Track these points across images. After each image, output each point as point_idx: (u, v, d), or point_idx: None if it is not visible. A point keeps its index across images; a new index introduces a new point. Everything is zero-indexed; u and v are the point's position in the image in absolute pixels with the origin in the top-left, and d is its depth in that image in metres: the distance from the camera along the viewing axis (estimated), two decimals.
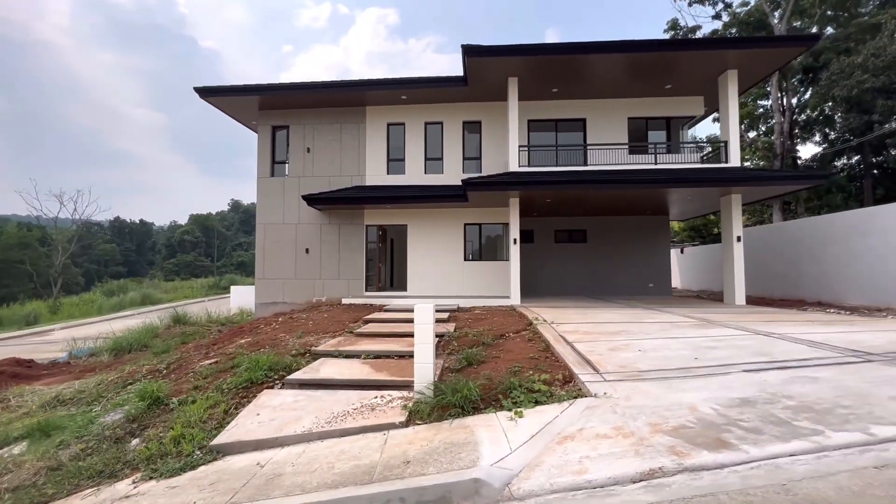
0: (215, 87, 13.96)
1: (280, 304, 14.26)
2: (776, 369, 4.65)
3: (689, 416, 3.66)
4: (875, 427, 3.15)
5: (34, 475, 3.98)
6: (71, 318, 30.26)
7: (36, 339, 20.16)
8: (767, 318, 8.51)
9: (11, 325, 28.76)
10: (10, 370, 9.95)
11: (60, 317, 32.24)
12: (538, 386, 4.70)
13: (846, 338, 6.01)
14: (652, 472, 2.96)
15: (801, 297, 13.91)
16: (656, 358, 5.41)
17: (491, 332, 7.87)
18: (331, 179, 14.59)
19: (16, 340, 20.96)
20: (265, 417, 4.66)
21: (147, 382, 5.90)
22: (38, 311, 33.87)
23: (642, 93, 13.91)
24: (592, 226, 16.42)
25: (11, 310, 34.00)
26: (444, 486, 3.01)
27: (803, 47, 11.38)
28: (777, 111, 23.13)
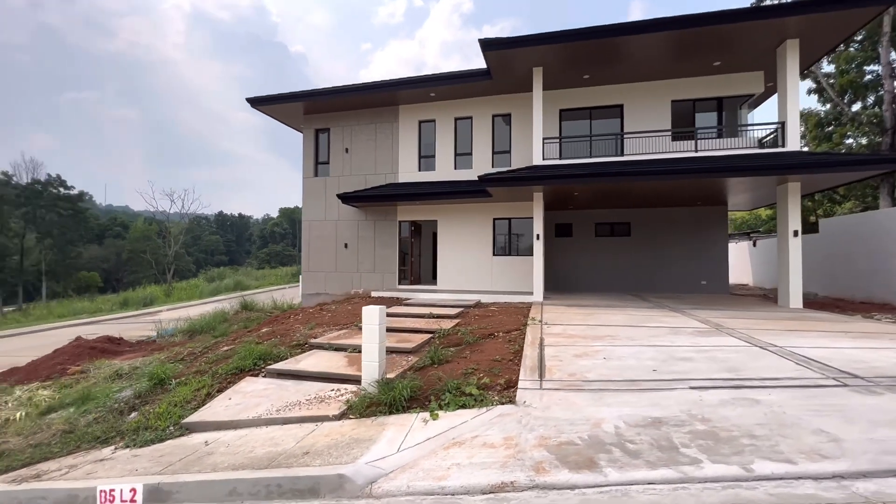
0: (264, 96, 15.32)
1: (323, 294, 15.44)
2: (728, 388, 4.25)
3: (586, 432, 3.57)
4: (761, 462, 2.85)
5: (52, 436, 5.02)
6: (178, 301, 35.23)
7: (147, 318, 23.74)
8: (801, 326, 7.52)
9: (133, 306, 34.25)
10: (101, 346, 12.06)
11: (172, 299, 37.62)
12: (471, 390, 4.78)
13: (857, 355, 5.20)
14: (503, 486, 3.01)
15: (888, 301, 11.89)
16: (615, 367, 5.17)
17: (482, 330, 7.93)
18: (367, 177, 15.35)
19: (132, 319, 24.97)
20: (233, 402, 5.33)
21: (157, 365, 6.95)
22: (154, 295, 39.87)
23: (688, 72, 12.66)
24: (637, 218, 15.40)
25: (136, 292, 40.40)
26: (315, 479, 3.33)
27: (881, 6, 9.51)
28: (888, 76, 19.52)
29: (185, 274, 65.07)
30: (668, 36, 10.87)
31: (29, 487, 3.81)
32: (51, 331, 20.52)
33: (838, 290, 13.90)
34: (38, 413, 6.30)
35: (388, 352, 7.01)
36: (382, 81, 14.64)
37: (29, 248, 49.27)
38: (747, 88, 12.60)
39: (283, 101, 15.25)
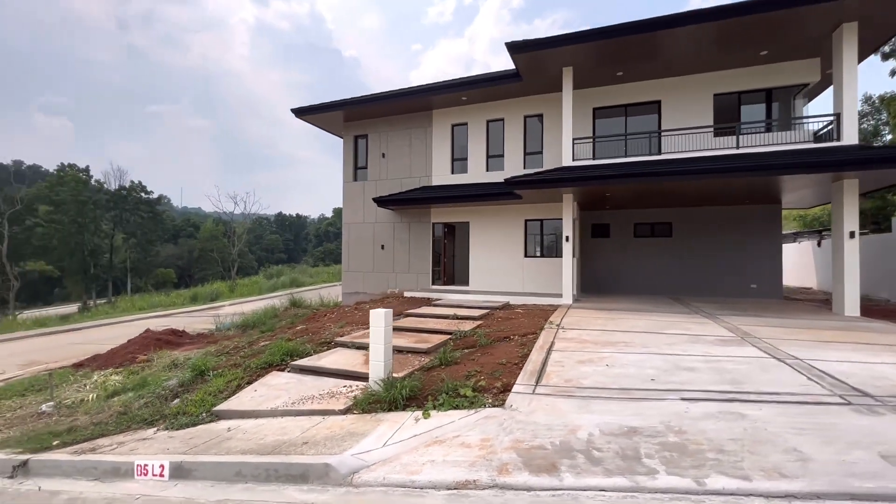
0: (307, 107, 16.28)
1: (361, 294, 16.19)
2: (720, 401, 4.16)
3: (559, 438, 3.69)
4: (716, 477, 2.85)
5: (110, 416, 5.86)
6: (240, 297, 38.07)
7: (211, 312, 25.88)
8: (843, 336, 6.98)
9: (201, 301, 37.44)
10: (165, 338, 13.49)
11: (235, 295, 40.70)
12: (466, 392, 5.01)
13: (886, 372, 4.82)
14: (466, 483, 3.24)
15: None
16: (614, 375, 5.18)
17: (499, 333, 8.10)
18: (402, 181, 15.87)
19: (198, 313, 27.29)
20: (258, 394, 5.92)
21: (200, 358, 7.77)
22: (219, 290, 43.28)
23: (732, 63, 11.94)
24: (679, 218, 14.73)
25: (204, 288, 44.08)
26: (306, 466, 3.73)
27: None
28: None
29: (248, 271, 69.72)
30: (708, 28, 10.34)
31: (85, 458, 4.54)
32: (131, 322, 22.99)
33: None
34: (106, 396, 7.31)
35: (405, 351, 7.40)
36: (416, 87, 15.08)
37: (117, 247, 55.15)
38: (801, 77, 11.67)
39: (325, 110, 16.13)
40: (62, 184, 49.23)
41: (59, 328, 21.85)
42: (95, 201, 51.32)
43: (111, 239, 54.29)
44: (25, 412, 6.83)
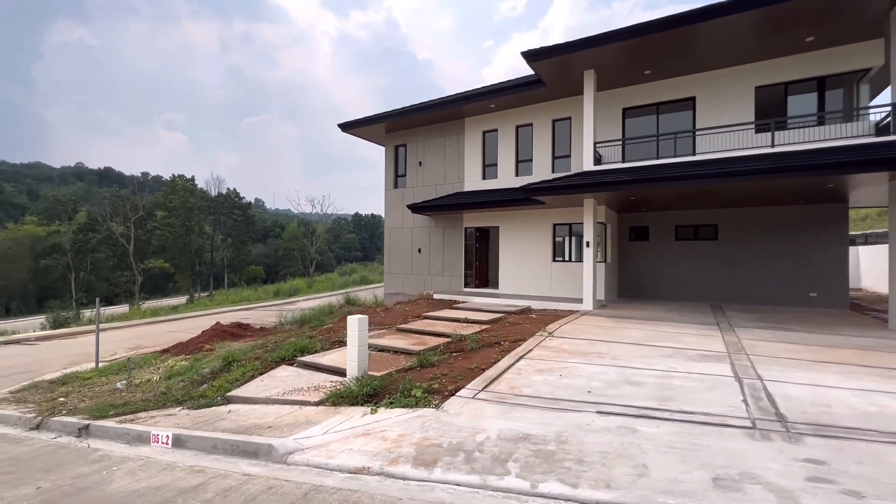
0: (351, 121, 17.65)
1: (400, 294, 17.25)
2: (630, 416, 4.30)
3: (459, 439, 4.16)
4: (552, 483, 3.17)
5: (156, 395, 7.32)
6: (316, 292, 41.66)
7: (286, 307, 28.72)
8: (852, 358, 6.37)
9: (282, 296, 41.50)
10: (231, 330, 15.60)
11: (312, 290, 44.58)
12: (417, 393, 5.59)
13: (848, 400, 4.52)
14: (361, 470, 3.87)
15: None
16: (558, 386, 5.44)
17: (493, 339, 8.50)
18: (437, 188, 16.62)
19: (276, 307, 30.32)
20: (262, 384, 7.02)
21: (230, 350, 9.15)
22: (298, 286, 47.58)
23: (776, 52, 10.95)
24: (726, 219, 13.76)
25: (285, 284, 48.74)
26: (258, 445, 4.60)
27: None
28: None
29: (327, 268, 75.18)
30: (743, 18, 9.62)
31: (123, 427, 5.89)
32: (217, 314, 26.40)
33: None
34: (165, 378, 8.98)
35: (399, 352, 8.12)
36: (447, 97, 15.72)
37: (217, 246, 62.79)
38: (860, 62, 10.37)
39: (367, 123, 17.38)
40: (174, 192, 57.19)
41: (162, 318, 25.80)
42: (199, 207, 58.87)
43: (212, 239, 61.92)
44: (107, 388, 8.67)
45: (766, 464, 3.16)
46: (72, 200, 58.79)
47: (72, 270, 48.79)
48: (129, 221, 49.83)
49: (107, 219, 49.89)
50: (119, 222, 50.92)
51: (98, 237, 50.64)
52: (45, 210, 57.30)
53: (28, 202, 79.10)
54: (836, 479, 2.90)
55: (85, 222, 51.31)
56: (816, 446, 3.41)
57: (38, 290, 52.88)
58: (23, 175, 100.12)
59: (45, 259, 50.07)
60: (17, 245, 52.68)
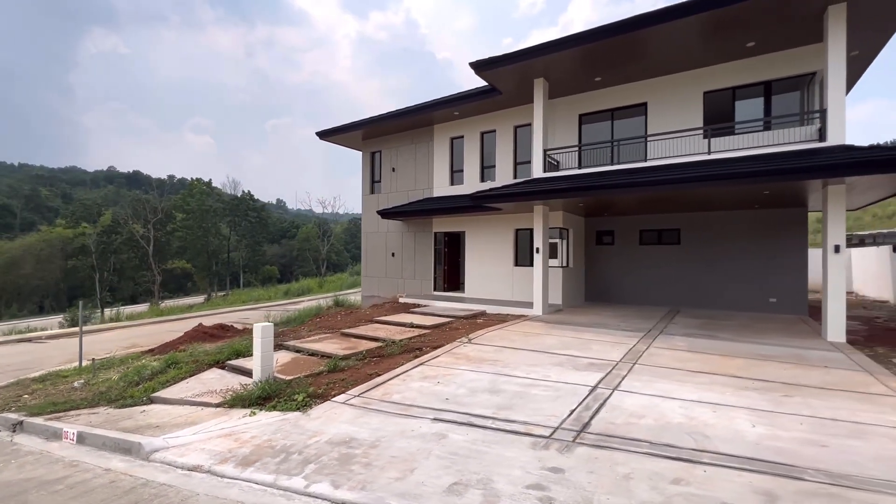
0: (329, 129, 18.21)
1: (376, 297, 17.74)
2: (459, 423, 4.59)
3: (295, 441, 4.56)
4: (322, 484, 3.53)
5: (94, 394, 7.99)
6: (326, 292, 42.69)
7: (291, 306, 29.52)
8: (742, 371, 6.44)
9: (292, 295, 42.70)
10: (212, 332, 16.34)
11: (323, 290, 45.69)
12: (299, 397, 6.01)
13: (682, 411, 4.68)
14: (197, 467, 4.32)
15: None
16: (427, 393, 5.76)
17: (418, 344, 8.85)
18: (409, 193, 17.02)
19: (281, 307, 31.06)
20: (186, 386, 7.58)
21: (173, 353, 9.78)
22: (309, 286, 48.79)
23: (721, 57, 10.86)
24: (689, 224, 13.67)
25: (295, 284, 50.08)
26: (131, 443, 5.11)
27: None
28: None
29: (342, 268, 76.56)
30: (681, 24, 9.59)
31: (47, 423, 6.52)
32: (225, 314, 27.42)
33: None
34: (123, 377, 9.70)
35: (324, 356, 8.56)
36: (417, 105, 16.06)
37: (233, 247, 64.93)
38: (805, 66, 10.20)
39: (344, 131, 17.91)
40: (192, 195, 59.44)
41: (168, 318, 26.99)
42: (215, 209, 60.99)
43: (228, 241, 64.03)
44: (68, 387, 9.45)
45: (511, 471, 3.43)
46: (96, 204, 61.67)
47: (96, 271, 51.41)
48: (148, 224, 52.09)
49: (128, 221, 52.28)
50: (141, 224, 53.31)
51: (120, 239, 53.15)
52: (72, 213, 60.40)
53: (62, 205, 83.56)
54: (550, 486, 3.15)
55: (108, 225, 53.92)
56: (578, 456, 3.64)
57: (69, 290, 55.92)
58: (59, 179, 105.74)
59: (71, 260, 52.87)
60: (49, 246, 55.84)
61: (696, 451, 3.65)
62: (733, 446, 3.71)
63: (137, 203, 55.45)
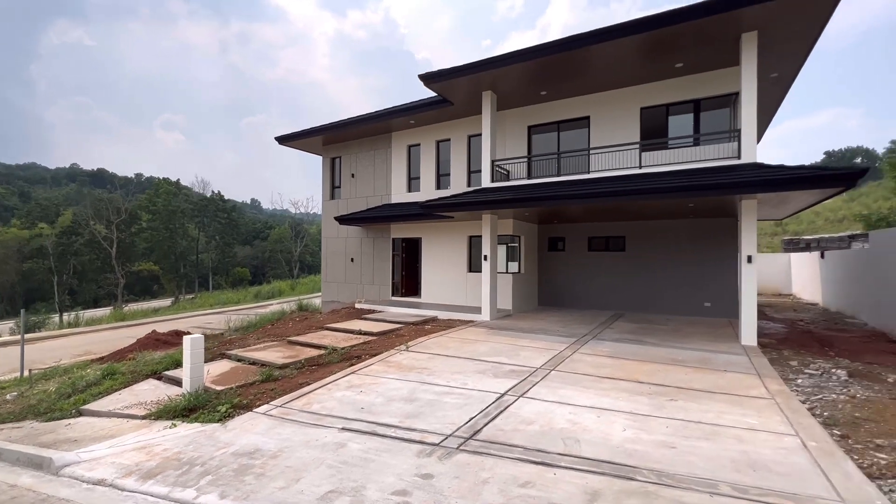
0: (288, 134, 18.20)
1: (336, 302, 17.82)
2: (363, 432, 4.85)
3: (202, 453, 4.72)
4: (211, 496, 3.74)
5: (23, 407, 7.90)
6: (299, 294, 42.17)
7: (258, 310, 29.07)
8: (647, 375, 6.91)
9: (262, 298, 41.99)
10: (165, 339, 16.10)
11: (295, 293, 45.10)
12: (222, 408, 6.16)
13: (569, 416, 5.06)
14: (101, 481, 4.44)
15: None
16: (346, 402, 5.99)
17: (358, 352, 9.05)
18: (368, 199, 17.19)
19: (249, 310, 30.61)
20: (119, 398, 7.59)
21: (111, 364, 9.72)
22: (281, 289, 48.04)
23: (655, 75, 11.48)
24: (633, 232, 14.30)
25: (266, 287, 49.23)
26: (42, 458, 5.17)
27: None
28: None
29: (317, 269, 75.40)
30: (611, 45, 10.12)
31: None
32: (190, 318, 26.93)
33: (890, 323, 11.12)
34: (59, 389, 9.56)
35: (264, 365, 8.68)
36: (375, 112, 16.25)
37: (202, 249, 63.45)
38: (729, 87, 10.88)
39: (304, 136, 17.93)
40: (158, 195, 57.83)
41: (129, 322, 26.29)
42: (184, 210, 59.50)
43: (197, 242, 62.53)
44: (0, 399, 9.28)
45: (386, 479, 3.71)
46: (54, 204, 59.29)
47: (54, 273, 49.48)
48: (112, 224, 50.44)
49: (90, 222, 50.49)
50: (104, 225, 51.57)
51: (81, 240, 51.27)
52: (27, 213, 57.94)
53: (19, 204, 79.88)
54: (413, 492, 3.45)
55: (68, 225, 51.96)
56: (453, 463, 3.95)
57: (26, 293, 53.54)
58: (16, 177, 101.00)
59: (28, 262, 50.72)
60: (4, 248, 53.31)
61: (560, 455, 4.01)
62: (595, 449, 4.09)
63: (100, 203, 53.62)
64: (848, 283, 13.70)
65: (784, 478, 3.48)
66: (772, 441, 4.21)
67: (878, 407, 5.12)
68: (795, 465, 3.68)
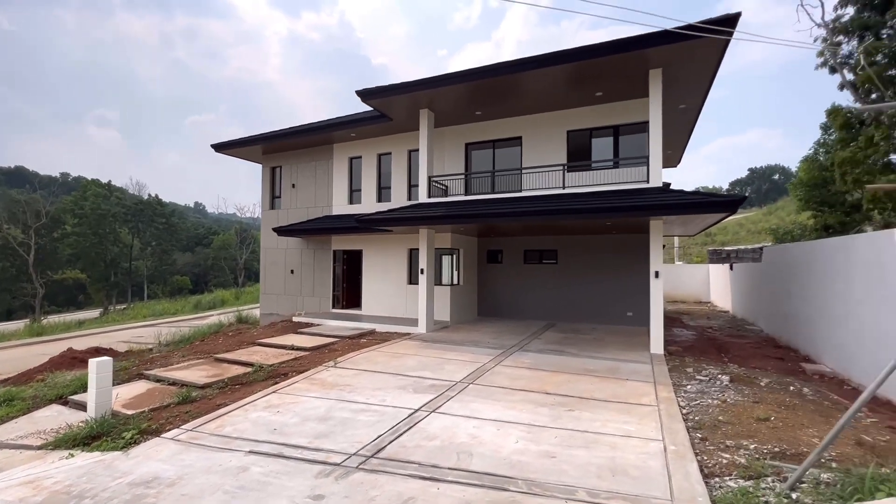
0: (226, 142, 17.70)
1: (274, 315, 17.41)
2: (270, 455, 4.92)
3: (94, 485, 4.59)
4: None
5: None
6: (245, 304, 40.23)
7: (196, 322, 27.66)
8: (557, 386, 7.43)
9: (202, 309, 39.86)
10: (82, 356, 15.06)
11: (240, 302, 43.00)
12: (127, 434, 5.96)
13: (465, 428, 5.38)
14: None
15: (801, 348, 10.62)
16: (262, 423, 5.99)
17: (286, 370, 8.98)
18: (308, 210, 17.01)
19: (186, 322, 28.92)
20: (15, 426, 7.10)
21: (9, 388, 9.08)
22: (224, 298, 45.73)
23: (580, 102, 12.33)
24: (564, 245, 15.11)
25: (206, 296, 46.70)
26: None
27: (723, 36, 8.58)
28: None
29: None
30: (535, 73, 10.77)
31: None
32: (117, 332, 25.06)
33: (778, 330, 12.48)
34: None
35: (184, 385, 8.42)
36: (315, 124, 16.19)
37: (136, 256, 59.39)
38: (643, 115, 11.88)
39: (242, 144, 17.49)
40: (85, 198, 53.59)
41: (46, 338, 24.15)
42: (115, 214, 55.52)
43: (130, 249, 58.48)
44: None
45: (279, 502, 3.84)
46: None
47: None
48: (30, 229, 46.19)
49: (1, 225, 45.90)
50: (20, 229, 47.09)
51: None
52: None
53: None
54: None
55: None
56: (349, 482, 4.13)
57: None
58: None
59: None
60: None
61: (450, 469, 4.30)
62: (484, 462, 4.43)
63: (15, 204, 48.93)
64: (749, 293, 15.23)
65: (635, 481, 3.96)
66: (640, 447, 4.73)
67: (740, 410, 5.85)
68: (650, 469, 4.19)
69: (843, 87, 19.97)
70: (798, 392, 7.11)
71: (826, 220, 24.05)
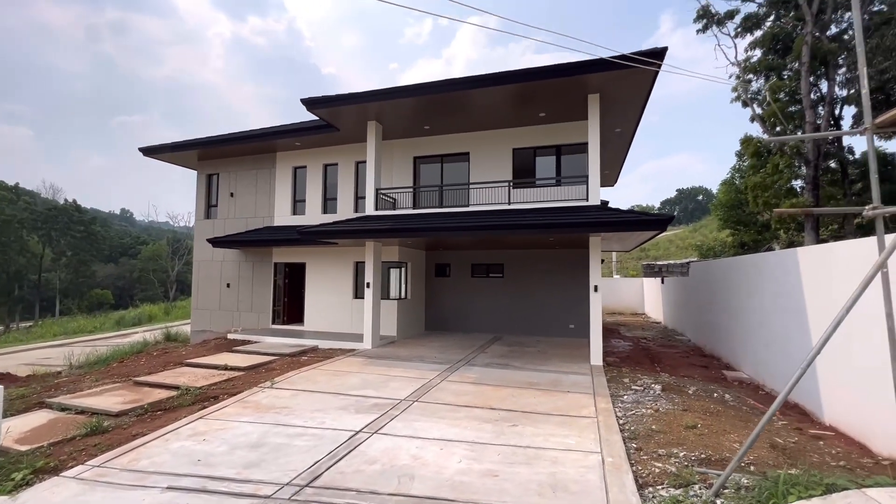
0: (157, 145, 16.48)
1: (208, 332, 16.22)
2: (187, 490, 4.47)
3: None
4: None
5: None
6: (176, 319, 37.07)
7: (118, 340, 25.02)
8: (495, 400, 7.46)
9: (125, 325, 36.30)
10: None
11: (170, 318, 39.63)
12: (18, 476, 5.20)
13: (397, 448, 5.23)
14: None
15: (723, 356, 11.45)
16: (185, 454, 5.45)
17: (216, 392, 8.32)
18: (248, 221, 16.15)
19: (101, 341, 26.14)
20: None
21: None
22: (152, 313, 42.01)
23: (524, 121, 12.77)
24: (510, 259, 15.41)
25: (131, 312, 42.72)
26: None
27: (652, 67, 9.34)
28: (809, 107, 18.69)
29: None
30: (479, 92, 11.03)
31: None
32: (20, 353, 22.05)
33: (703, 339, 13.39)
34: None
35: (94, 414, 7.53)
36: (257, 131, 15.51)
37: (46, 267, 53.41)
38: (583, 137, 12.52)
39: (175, 149, 16.36)
40: None
41: None
42: (22, 220, 49.82)
43: (40, 259, 52.61)
44: None
45: None
46: None
47: None
48: None
49: None
50: None
51: None
52: None
53: None
54: None
55: None
56: None
57: None
58: None
59: None
60: None
61: (389, 495, 4.13)
62: (425, 485, 4.30)
63: None
64: (678, 305, 16.33)
65: (574, 496, 4.01)
66: (580, 460, 4.82)
67: (671, 419, 6.16)
68: (588, 483, 4.27)
69: (753, 119, 22.37)
70: (721, 399, 7.64)
71: (742, 237, 26.56)
